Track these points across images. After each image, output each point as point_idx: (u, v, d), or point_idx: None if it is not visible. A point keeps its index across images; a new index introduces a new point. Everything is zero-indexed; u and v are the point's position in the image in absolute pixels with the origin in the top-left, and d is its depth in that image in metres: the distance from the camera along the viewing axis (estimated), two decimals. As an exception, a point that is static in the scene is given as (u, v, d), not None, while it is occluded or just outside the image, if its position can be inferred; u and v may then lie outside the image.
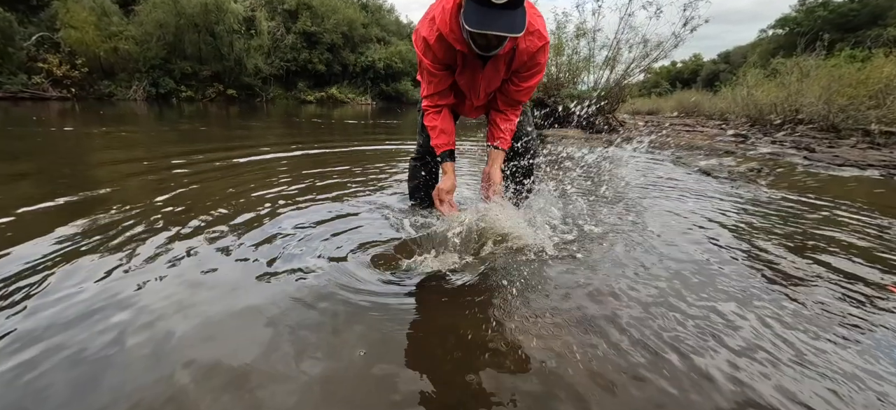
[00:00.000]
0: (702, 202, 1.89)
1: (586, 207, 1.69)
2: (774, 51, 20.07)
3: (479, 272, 1.17)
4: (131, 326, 0.90)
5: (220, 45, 17.44)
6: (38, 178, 2.23)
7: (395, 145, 4.14)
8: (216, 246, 1.32)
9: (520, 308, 1.00)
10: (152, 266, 1.18)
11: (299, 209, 1.72)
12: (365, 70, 23.62)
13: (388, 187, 2.17)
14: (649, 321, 0.95)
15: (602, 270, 1.21)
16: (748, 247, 1.41)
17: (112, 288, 1.05)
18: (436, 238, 1.24)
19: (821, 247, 1.42)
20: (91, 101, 13.83)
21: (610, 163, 3.33)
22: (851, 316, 1.00)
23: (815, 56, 7.90)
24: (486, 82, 1.29)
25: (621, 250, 1.34)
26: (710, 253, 1.35)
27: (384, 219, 1.62)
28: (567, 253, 1.30)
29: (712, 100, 13.26)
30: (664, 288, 1.10)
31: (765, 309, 1.01)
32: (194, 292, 1.05)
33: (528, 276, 1.16)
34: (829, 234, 1.53)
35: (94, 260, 1.20)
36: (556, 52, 5.89)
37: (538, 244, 1.28)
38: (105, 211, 1.60)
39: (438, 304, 1.03)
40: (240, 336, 0.88)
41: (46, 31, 14.93)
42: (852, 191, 2.45)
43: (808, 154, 4.00)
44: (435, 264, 1.17)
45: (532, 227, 1.36)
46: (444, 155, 1.39)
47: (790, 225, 1.60)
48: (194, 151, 3.21)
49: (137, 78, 16.03)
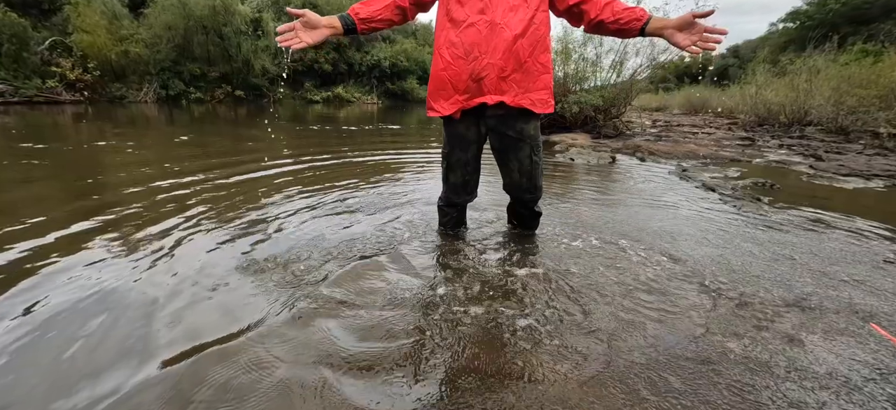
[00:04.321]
0: (703, 248, 1.97)
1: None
2: (785, 45, 19.79)
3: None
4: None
5: (227, 46, 17.64)
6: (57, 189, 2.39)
7: (409, 155, 4.24)
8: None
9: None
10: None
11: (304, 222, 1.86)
12: (371, 69, 23.73)
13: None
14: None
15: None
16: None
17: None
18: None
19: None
20: (103, 104, 14.10)
21: (611, 183, 3.42)
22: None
23: (824, 55, 7.85)
24: None
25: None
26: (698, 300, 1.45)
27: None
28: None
29: (721, 97, 13.23)
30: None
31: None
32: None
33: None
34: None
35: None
36: (564, 58, 5.94)
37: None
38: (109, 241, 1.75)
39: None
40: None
41: (59, 35, 15.20)
42: (856, 206, 2.52)
43: (815, 162, 4.04)
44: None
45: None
46: (347, 17, 1.30)
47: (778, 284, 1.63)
48: (207, 168, 3.35)
49: (148, 80, 16.30)
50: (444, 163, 1.60)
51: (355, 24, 1.33)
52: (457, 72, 1.35)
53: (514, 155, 1.49)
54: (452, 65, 1.36)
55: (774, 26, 25.65)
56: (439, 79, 1.40)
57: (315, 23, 1.28)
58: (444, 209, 1.74)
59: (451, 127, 1.50)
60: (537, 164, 1.51)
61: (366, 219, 2.02)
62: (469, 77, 1.34)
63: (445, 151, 1.57)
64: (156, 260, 1.53)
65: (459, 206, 1.73)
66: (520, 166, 1.51)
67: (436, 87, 1.42)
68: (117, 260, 1.53)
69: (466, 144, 1.51)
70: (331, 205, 2.30)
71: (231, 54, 17.82)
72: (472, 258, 1.56)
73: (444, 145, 1.57)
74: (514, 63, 1.32)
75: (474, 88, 1.36)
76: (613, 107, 6.13)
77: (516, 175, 1.53)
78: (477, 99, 1.38)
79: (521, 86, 1.36)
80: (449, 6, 1.35)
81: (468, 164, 1.55)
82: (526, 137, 1.46)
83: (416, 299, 1.28)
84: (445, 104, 1.41)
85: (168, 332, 1.10)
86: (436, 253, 1.62)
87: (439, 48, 1.38)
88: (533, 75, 1.36)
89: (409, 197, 2.47)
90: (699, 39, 1.24)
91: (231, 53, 17.80)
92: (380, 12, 1.35)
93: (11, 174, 3.00)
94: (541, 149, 1.52)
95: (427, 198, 2.42)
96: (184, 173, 3.06)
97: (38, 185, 2.71)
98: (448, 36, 1.35)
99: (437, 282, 1.38)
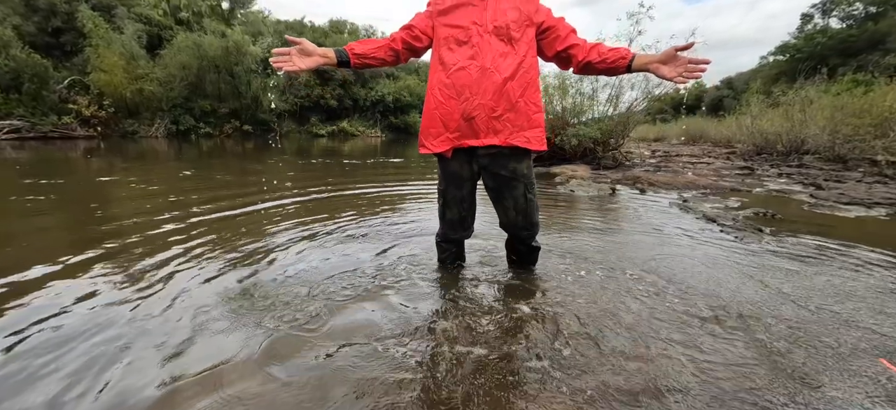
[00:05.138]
0: (709, 299, 1.95)
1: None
2: (777, 76, 20.39)
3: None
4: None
5: (238, 83, 18.41)
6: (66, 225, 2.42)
7: (410, 187, 4.30)
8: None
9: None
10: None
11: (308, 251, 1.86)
12: (375, 104, 24.53)
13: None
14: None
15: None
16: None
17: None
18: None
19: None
20: (115, 139, 14.54)
21: (612, 214, 3.43)
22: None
23: (816, 86, 8.05)
24: (492, 10, 1.39)
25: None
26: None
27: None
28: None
29: (718, 127, 13.49)
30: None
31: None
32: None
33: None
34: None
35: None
36: (561, 93, 6.13)
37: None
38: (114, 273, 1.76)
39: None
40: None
41: (78, 74, 15.94)
42: (860, 233, 2.51)
43: (815, 191, 4.05)
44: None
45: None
46: (342, 51, 1.41)
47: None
48: (213, 199, 3.40)
49: (160, 116, 16.90)
50: (441, 200, 1.62)
51: (349, 58, 1.41)
52: (448, 111, 1.41)
53: (508, 193, 1.52)
54: (444, 104, 1.41)
55: (765, 59, 26.53)
56: (431, 118, 1.46)
57: (310, 51, 1.36)
58: (442, 245, 1.75)
59: (445, 164, 1.54)
60: (532, 201, 1.54)
61: (365, 253, 2.03)
62: (461, 116, 1.39)
63: (441, 188, 1.60)
64: (145, 294, 1.53)
65: (457, 242, 1.74)
66: (515, 204, 1.53)
67: (428, 125, 1.48)
68: (107, 292, 1.54)
69: (461, 181, 1.54)
70: (329, 237, 2.32)
71: (241, 91, 18.57)
72: (473, 295, 1.55)
73: (439, 182, 1.61)
74: (506, 103, 1.38)
75: (465, 128, 1.41)
76: (612, 138, 6.25)
77: (512, 213, 1.55)
78: (468, 141, 1.43)
79: (514, 124, 1.40)
80: (441, 52, 1.43)
81: (463, 201, 1.58)
82: (519, 176, 1.49)
83: (417, 338, 1.25)
84: (437, 142, 1.46)
85: (148, 368, 1.09)
86: (436, 290, 1.61)
87: (432, 88, 1.46)
88: (525, 114, 1.41)
89: (408, 229, 2.49)
90: (684, 71, 1.30)
91: (241, 90, 18.55)
92: (375, 51, 1.44)
93: (16, 206, 3.07)
94: (534, 185, 1.55)
95: (427, 229, 2.44)
96: (185, 205, 3.12)
97: (42, 218, 2.76)
98: (440, 78, 1.43)
99: (438, 322, 1.35)
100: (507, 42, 1.38)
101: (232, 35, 18.25)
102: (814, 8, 23.76)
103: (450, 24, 1.42)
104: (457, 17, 1.41)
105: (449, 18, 1.42)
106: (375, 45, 1.45)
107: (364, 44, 1.44)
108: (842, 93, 8.55)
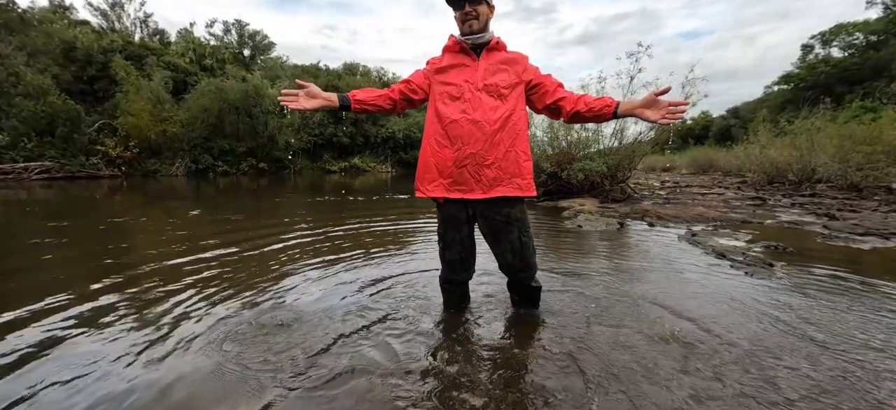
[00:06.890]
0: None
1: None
2: (783, 105, 20.48)
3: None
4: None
5: (256, 124, 19.29)
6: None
7: (413, 223, 4.38)
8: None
9: None
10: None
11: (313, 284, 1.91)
12: (385, 140, 25.30)
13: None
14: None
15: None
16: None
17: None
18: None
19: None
20: (138, 178, 15.19)
21: (621, 250, 3.43)
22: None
23: (821, 115, 8.02)
24: (482, 70, 1.52)
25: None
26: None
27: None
28: None
29: (726, 156, 13.46)
30: None
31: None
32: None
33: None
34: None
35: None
36: (566, 129, 6.29)
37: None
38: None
39: None
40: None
41: (108, 118, 16.96)
42: (879, 267, 2.45)
43: (829, 222, 3.99)
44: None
45: None
46: (345, 97, 1.56)
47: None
48: (230, 243, 3.52)
49: (180, 155, 17.68)
50: (441, 242, 1.68)
51: (350, 103, 1.57)
52: (442, 158, 1.52)
53: (504, 237, 1.58)
54: (439, 152, 1.53)
55: (770, 88, 26.76)
56: (426, 164, 1.57)
57: (315, 94, 1.53)
58: (446, 287, 1.80)
59: (442, 208, 1.63)
60: (527, 244, 1.60)
61: (369, 292, 2.08)
62: (453, 163, 1.50)
63: (441, 231, 1.67)
64: (152, 337, 1.60)
65: (460, 283, 1.78)
66: (511, 247, 1.59)
67: (423, 171, 1.58)
68: (113, 330, 1.61)
69: (459, 224, 1.61)
70: (336, 277, 2.38)
71: (258, 131, 19.42)
72: (480, 339, 1.57)
73: (439, 225, 1.69)
74: (495, 153, 1.49)
75: (458, 175, 1.51)
76: (619, 171, 6.30)
77: (509, 256, 1.60)
78: (459, 193, 1.52)
79: (505, 171, 1.50)
80: (437, 105, 1.57)
81: (463, 242, 1.64)
82: (513, 220, 1.55)
83: (423, 388, 1.26)
84: (431, 187, 1.56)
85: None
86: (442, 333, 1.63)
87: (427, 138, 1.58)
88: (515, 162, 1.51)
89: (413, 268, 2.55)
90: (665, 113, 1.40)
91: (258, 130, 19.41)
92: (374, 99, 1.60)
93: (35, 241, 3.23)
94: (529, 227, 1.62)
95: (433, 266, 2.48)
96: (196, 239, 3.24)
97: (61, 251, 2.90)
98: (436, 128, 1.55)
99: (444, 370, 1.36)
100: (496, 98, 1.51)
101: (252, 79, 19.39)
102: (813, 39, 24.23)
103: (445, 82, 1.56)
104: (451, 75, 1.56)
105: (444, 76, 1.57)
106: (376, 94, 1.60)
107: (366, 92, 1.60)
108: (850, 121, 8.53)
